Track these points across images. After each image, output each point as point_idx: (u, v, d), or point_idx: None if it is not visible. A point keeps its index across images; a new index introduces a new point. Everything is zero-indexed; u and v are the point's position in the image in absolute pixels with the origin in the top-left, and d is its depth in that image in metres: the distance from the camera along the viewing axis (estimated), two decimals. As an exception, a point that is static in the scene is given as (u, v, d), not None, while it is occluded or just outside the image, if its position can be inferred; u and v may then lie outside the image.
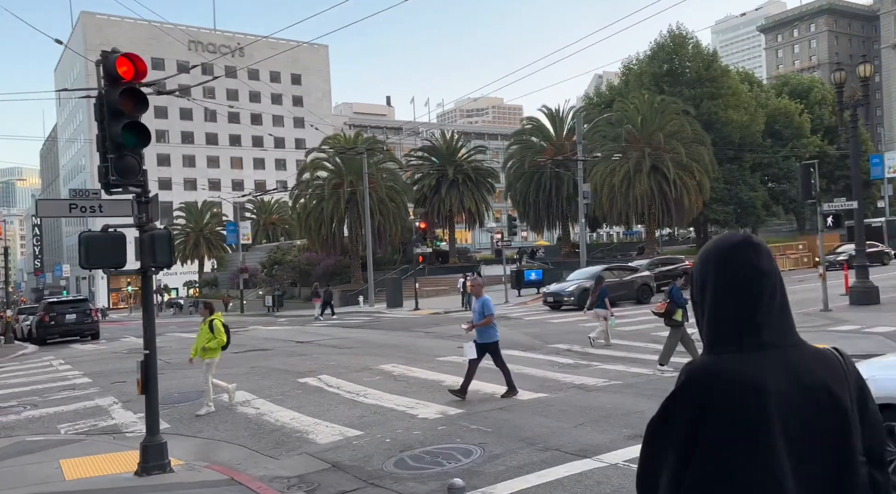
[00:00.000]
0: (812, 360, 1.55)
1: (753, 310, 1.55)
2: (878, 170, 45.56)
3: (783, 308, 1.59)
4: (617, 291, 23.61)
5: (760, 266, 1.58)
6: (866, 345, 12.77)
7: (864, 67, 19.20)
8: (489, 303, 10.54)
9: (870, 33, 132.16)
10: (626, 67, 52.51)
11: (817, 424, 1.48)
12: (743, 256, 1.59)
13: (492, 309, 10.49)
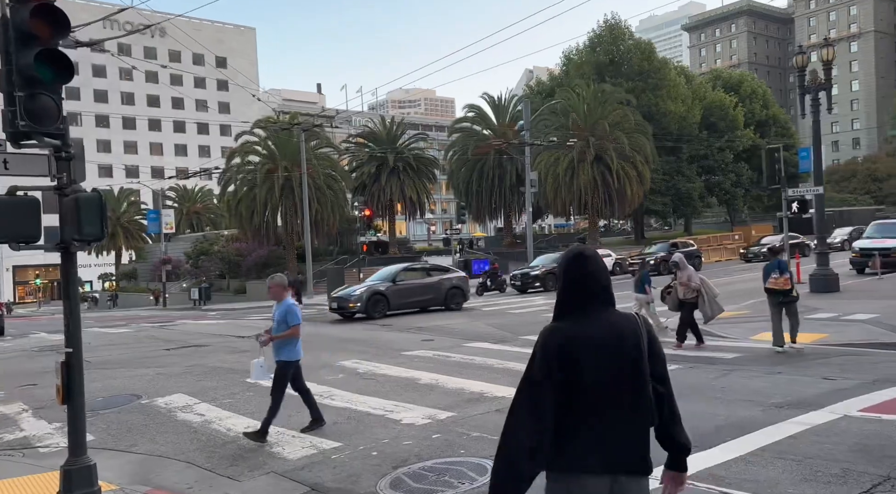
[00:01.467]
0: (621, 319, 2.60)
1: (581, 296, 2.60)
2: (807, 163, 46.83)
3: (604, 291, 2.63)
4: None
5: (587, 270, 2.62)
6: (854, 333, 12.26)
7: (826, 50, 18.99)
8: (295, 310, 7.78)
9: (785, 35, 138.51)
10: (565, 57, 52.22)
11: (625, 354, 2.53)
12: (576, 263, 2.64)
13: (298, 318, 7.77)
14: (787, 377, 8.78)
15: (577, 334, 2.52)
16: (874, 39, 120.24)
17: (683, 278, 12.05)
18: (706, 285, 11.98)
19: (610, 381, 2.49)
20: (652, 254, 33.18)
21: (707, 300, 11.90)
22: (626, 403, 2.51)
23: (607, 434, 2.48)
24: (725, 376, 9.23)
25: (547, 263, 28.64)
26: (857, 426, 6.13)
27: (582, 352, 2.49)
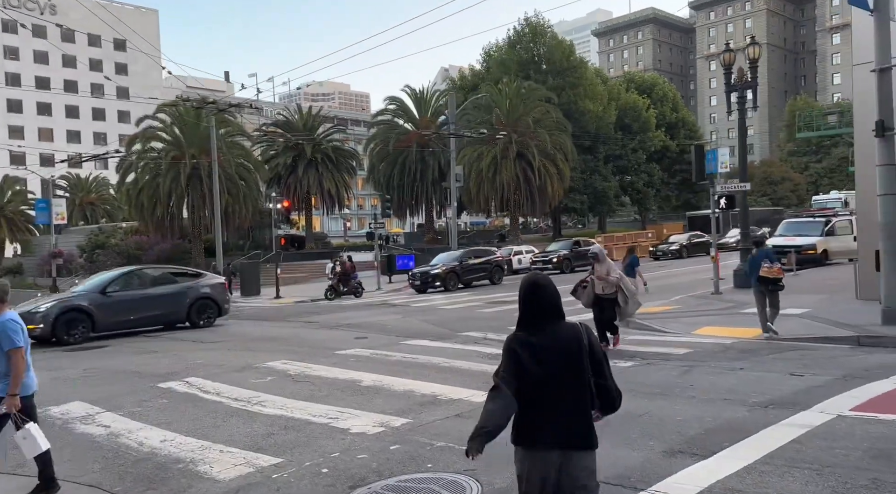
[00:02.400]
0: (566, 329, 3.23)
1: (533, 313, 3.26)
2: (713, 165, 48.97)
3: (553, 308, 3.27)
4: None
5: (538, 294, 3.27)
6: (795, 327, 12.29)
7: (753, 48, 19.37)
8: (10, 330, 5.34)
9: (687, 44, 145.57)
10: (486, 54, 52.08)
11: (568, 357, 3.16)
12: (531, 289, 3.30)
13: (19, 339, 5.37)
14: (754, 374, 8.44)
15: (530, 341, 3.21)
16: (767, 51, 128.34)
17: (602, 271, 11.14)
18: (624, 281, 11.19)
19: (555, 376, 3.14)
20: (554, 252, 32.91)
21: (627, 297, 10.97)
22: (570, 393, 3.15)
23: (556, 418, 3.13)
24: (687, 373, 8.81)
25: (448, 261, 27.41)
26: (860, 428, 5.73)
27: (533, 355, 3.17)
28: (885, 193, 11.47)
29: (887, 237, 11.49)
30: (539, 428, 3.15)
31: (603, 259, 11.27)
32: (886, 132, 11.23)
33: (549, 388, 3.14)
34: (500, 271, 28.71)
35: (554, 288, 3.32)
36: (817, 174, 74.42)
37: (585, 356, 3.19)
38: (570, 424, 3.14)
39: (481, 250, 30.53)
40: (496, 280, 28.06)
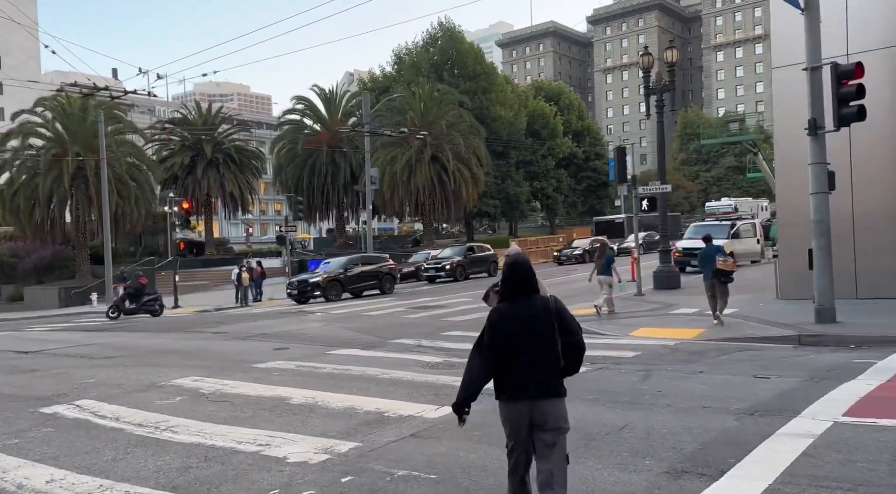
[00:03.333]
0: (538, 301, 3.83)
1: (511, 287, 3.88)
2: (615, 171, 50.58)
3: (527, 283, 3.88)
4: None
5: (515, 271, 3.89)
6: (728, 326, 12.20)
7: (670, 52, 19.61)
8: None
9: (584, 58, 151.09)
10: (397, 56, 51.21)
11: (537, 323, 3.73)
12: (510, 268, 3.92)
13: None
14: (718, 378, 8.02)
15: (509, 312, 3.85)
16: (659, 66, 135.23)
17: None
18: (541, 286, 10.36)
19: (527, 339, 3.75)
20: (447, 259, 30.90)
21: None
22: (538, 353, 3.75)
23: (526, 374, 3.74)
24: (648, 378, 8.28)
25: (334, 268, 25.12)
26: (869, 436, 5.29)
27: (508, 323, 3.80)
28: (816, 191, 11.56)
29: (819, 235, 11.58)
30: (512, 384, 3.76)
31: None
32: (819, 131, 11.31)
33: (520, 350, 3.73)
34: (392, 280, 26.81)
35: (529, 267, 3.96)
36: (707, 182, 78.76)
37: (552, 323, 3.77)
38: (538, 379, 3.71)
39: (372, 256, 28.18)
40: (387, 289, 26.13)
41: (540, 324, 3.76)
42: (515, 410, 3.78)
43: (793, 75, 15.03)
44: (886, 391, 6.58)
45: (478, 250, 32.94)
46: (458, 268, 30.34)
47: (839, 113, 10.90)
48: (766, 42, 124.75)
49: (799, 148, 15.05)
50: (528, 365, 3.72)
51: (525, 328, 3.75)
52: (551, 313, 3.79)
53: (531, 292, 3.89)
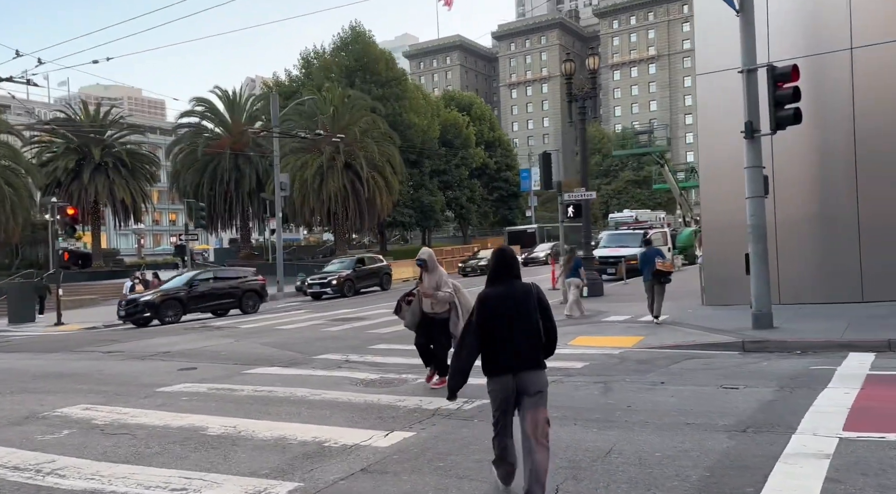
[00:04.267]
0: (521, 285, 4.28)
1: (498, 272, 4.32)
2: (527, 183, 51.25)
3: (512, 270, 4.34)
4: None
5: (501, 259, 4.38)
6: (667, 335, 11.93)
7: (592, 59, 19.57)
8: None
9: (490, 72, 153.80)
10: (304, 59, 49.46)
11: (520, 305, 4.17)
12: (496, 256, 4.42)
13: None
14: (685, 389, 7.49)
15: (496, 294, 4.29)
16: (560, 83, 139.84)
17: (430, 283, 8.30)
18: (461, 295, 8.41)
19: (513, 320, 4.18)
20: (333, 273, 27.28)
21: (461, 316, 8.22)
22: (521, 331, 4.18)
23: (510, 350, 4.17)
24: (609, 391, 7.65)
25: (176, 285, 21.63)
26: (886, 454, 4.79)
27: (497, 303, 4.24)
28: (752, 195, 11.49)
29: (756, 240, 11.50)
30: (501, 359, 4.17)
31: (433, 268, 8.45)
32: (755, 134, 11.24)
33: (508, 327, 4.15)
34: (258, 298, 23.12)
35: (514, 256, 4.45)
36: (608, 195, 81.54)
37: (535, 305, 4.20)
38: (520, 354, 4.14)
39: (228, 271, 25.00)
40: (250, 308, 22.58)
41: (525, 305, 4.22)
42: (503, 382, 4.21)
43: (717, 82, 15.25)
44: (870, 401, 6.23)
45: (369, 261, 29.50)
46: (347, 283, 27.08)
47: (776, 116, 10.87)
48: (658, 62, 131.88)
49: (723, 154, 15.26)
50: (516, 342, 4.17)
51: (512, 309, 4.20)
52: (534, 295, 4.28)
53: (515, 278, 4.37)
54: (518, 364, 4.13)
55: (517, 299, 4.21)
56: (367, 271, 28.73)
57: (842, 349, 9.46)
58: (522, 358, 4.14)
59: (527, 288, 4.28)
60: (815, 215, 14.21)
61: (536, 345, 4.20)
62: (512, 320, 4.15)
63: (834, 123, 13.84)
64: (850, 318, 11.58)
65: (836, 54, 13.80)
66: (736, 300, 14.76)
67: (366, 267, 28.82)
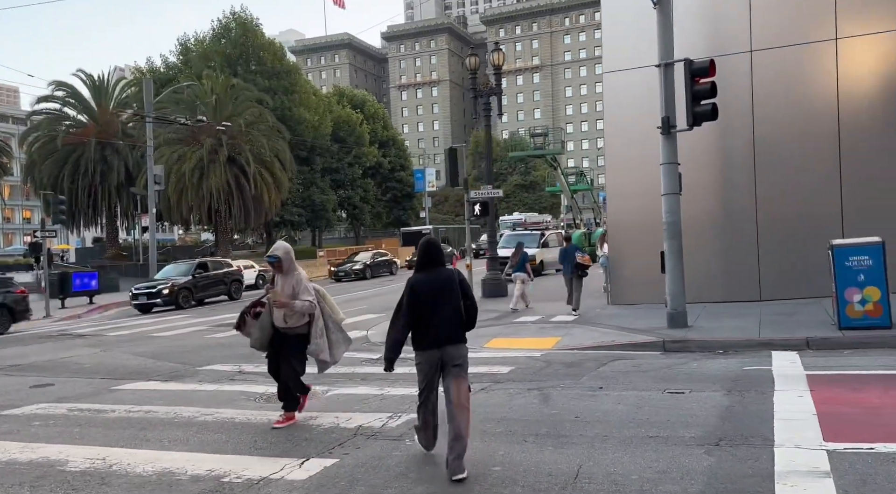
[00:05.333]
0: (445, 271, 4.92)
1: (424, 261, 4.95)
2: (421, 183, 50.60)
3: (437, 258, 4.95)
4: None
5: (427, 248, 5.02)
6: (583, 335, 11.51)
7: (497, 54, 19.11)
8: None
9: (380, 73, 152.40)
10: (183, 46, 46.00)
11: (444, 289, 4.82)
12: (423, 246, 5.07)
13: None
14: (629, 395, 6.90)
15: (423, 279, 4.88)
16: (449, 88, 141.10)
17: (286, 288, 6.28)
18: (326, 303, 6.50)
19: (437, 301, 4.78)
20: (163, 282, 22.56)
21: (325, 331, 6.43)
22: (445, 312, 4.79)
23: (437, 327, 4.77)
24: (547, 399, 6.94)
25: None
26: (886, 469, 4.29)
27: (424, 288, 4.82)
28: (668, 192, 11.30)
29: (671, 237, 11.32)
30: (428, 336, 4.80)
31: (290, 268, 6.36)
32: (672, 129, 11.05)
33: (431, 309, 4.79)
34: (8, 314, 18.02)
35: (438, 246, 5.10)
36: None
37: (457, 288, 4.87)
38: (445, 331, 4.79)
39: None
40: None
41: (448, 289, 4.81)
42: (429, 355, 4.79)
43: (623, 80, 15.17)
44: (831, 405, 5.88)
45: (213, 266, 24.92)
46: (182, 292, 22.55)
47: (693, 111, 10.71)
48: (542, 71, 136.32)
49: (629, 152, 15.21)
50: (441, 320, 4.74)
51: (437, 292, 4.78)
52: (456, 280, 4.88)
53: (440, 265, 4.94)
54: (443, 340, 4.75)
55: (443, 284, 4.83)
56: (210, 279, 24.02)
57: (762, 347, 9.34)
58: (448, 336, 4.76)
59: (450, 274, 4.91)
60: (717, 217, 14.40)
61: (458, 323, 4.84)
62: (436, 301, 4.76)
63: (736, 125, 14.06)
64: (757, 317, 11.65)
65: (737, 57, 14.03)
66: (641, 299, 14.73)
67: (209, 273, 24.09)
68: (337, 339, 6.53)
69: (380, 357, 10.73)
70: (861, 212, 12.96)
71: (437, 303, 4.75)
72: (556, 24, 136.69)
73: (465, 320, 4.87)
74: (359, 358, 10.62)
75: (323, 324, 6.37)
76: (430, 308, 4.75)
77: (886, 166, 13.02)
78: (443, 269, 4.92)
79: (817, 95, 13.67)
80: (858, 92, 13.38)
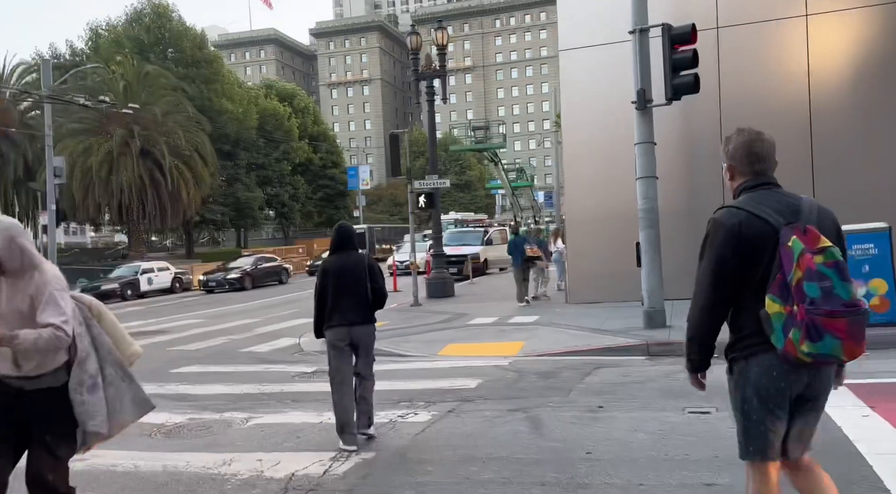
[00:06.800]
0: (356, 255, 5.34)
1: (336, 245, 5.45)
2: (354, 181, 48.43)
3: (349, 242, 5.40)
4: None
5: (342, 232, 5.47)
6: (548, 338, 10.12)
7: (441, 33, 17.60)
8: None
9: (309, 70, 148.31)
10: (93, 31, 42.30)
11: (355, 270, 5.26)
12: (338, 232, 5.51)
13: None
14: (641, 417, 5.45)
15: (335, 262, 5.31)
16: (381, 86, 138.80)
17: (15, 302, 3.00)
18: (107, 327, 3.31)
19: (347, 283, 5.21)
20: None
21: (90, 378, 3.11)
22: (354, 293, 5.23)
23: (346, 308, 5.22)
24: (539, 426, 5.40)
25: None
26: None
27: (335, 270, 5.25)
28: (644, 175, 10.05)
29: (648, 226, 10.06)
30: (335, 315, 5.22)
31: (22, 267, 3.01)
32: (648, 104, 9.79)
33: (341, 290, 5.21)
34: None
35: (351, 230, 5.51)
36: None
37: (365, 272, 5.27)
38: (354, 311, 5.22)
39: None
40: None
41: (357, 272, 5.27)
42: (339, 332, 5.25)
43: (581, 58, 13.95)
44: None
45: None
46: None
47: (672, 83, 9.48)
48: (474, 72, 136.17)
49: (587, 138, 13.96)
50: (349, 301, 5.23)
51: (347, 274, 5.24)
52: (364, 264, 5.33)
53: (352, 249, 5.38)
54: (353, 320, 5.22)
55: (352, 267, 5.24)
56: None
57: (761, 348, 8.13)
58: (356, 316, 5.23)
59: (360, 258, 5.31)
60: (683, 210, 13.30)
61: (367, 305, 5.31)
62: (347, 284, 5.21)
63: (702, 107, 13.01)
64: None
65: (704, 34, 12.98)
66: (603, 297, 13.51)
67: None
68: (119, 393, 3.22)
69: (315, 370, 9.04)
70: (833, 194, 12.14)
71: (347, 284, 5.20)
72: (488, 25, 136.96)
73: (372, 301, 5.32)
74: (289, 372, 8.84)
75: (96, 367, 3.15)
76: (341, 289, 5.20)
77: (855, 145, 12.25)
78: (354, 253, 5.35)
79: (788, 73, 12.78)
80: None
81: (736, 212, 2.40)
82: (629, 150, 13.17)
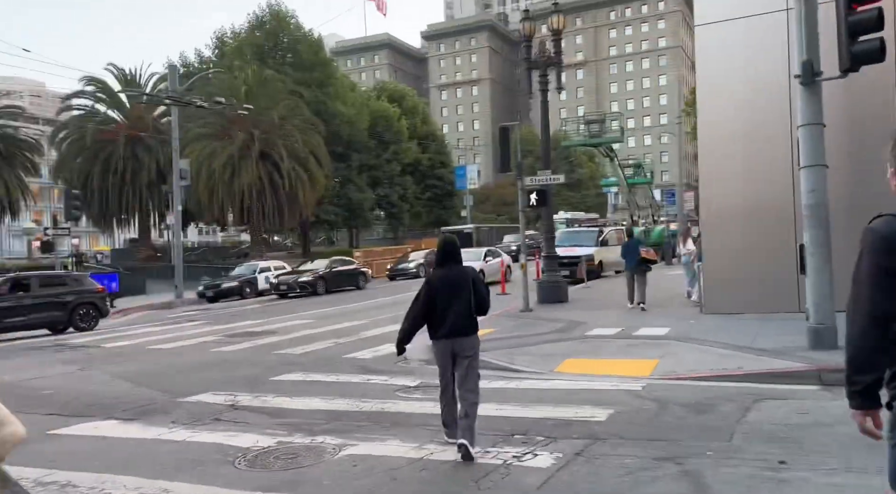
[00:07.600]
0: (463, 269, 5.46)
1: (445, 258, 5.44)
2: (463, 181, 47.89)
3: (456, 257, 5.46)
4: None
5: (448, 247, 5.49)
6: (690, 357, 8.64)
7: (557, 17, 16.34)
8: None
9: (420, 72, 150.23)
10: (219, 40, 44.41)
11: (461, 284, 5.31)
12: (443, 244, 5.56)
13: None
14: (850, 485, 4.07)
15: (441, 275, 5.36)
16: (490, 85, 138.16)
17: None
18: None
19: (452, 295, 5.24)
20: None
21: None
22: (458, 305, 5.24)
23: (448, 320, 5.21)
24: (703, 490, 4.14)
25: None
26: None
27: (441, 283, 5.30)
28: (810, 164, 8.35)
29: (816, 225, 8.35)
30: (441, 327, 5.24)
31: None
32: (816, 77, 8.11)
33: (446, 302, 5.24)
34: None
35: (457, 244, 5.55)
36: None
37: (470, 285, 5.33)
38: (456, 323, 5.23)
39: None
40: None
41: (462, 285, 5.31)
42: (443, 345, 5.27)
43: (720, 33, 12.26)
44: None
45: None
46: None
47: (850, 50, 7.73)
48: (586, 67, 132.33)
49: (726, 124, 12.25)
50: (453, 313, 5.24)
51: (452, 288, 5.30)
52: (470, 278, 5.39)
53: (457, 263, 5.47)
54: (456, 332, 5.24)
55: (458, 281, 5.33)
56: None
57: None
58: (460, 328, 5.25)
59: (466, 272, 5.45)
60: (848, 206, 11.28)
61: (470, 317, 5.32)
62: (452, 297, 5.26)
63: (871, 83, 10.93)
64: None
65: None
66: (746, 308, 11.75)
67: None
68: None
69: (419, 384, 8.17)
70: None
71: (452, 298, 5.24)
72: (602, 18, 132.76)
73: (475, 313, 5.33)
74: (391, 386, 7.99)
75: None
76: (445, 302, 5.23)
77: None
78: (459, 266, 5.44)
79: None
80: None
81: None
82: (780, 134, 11.44)
